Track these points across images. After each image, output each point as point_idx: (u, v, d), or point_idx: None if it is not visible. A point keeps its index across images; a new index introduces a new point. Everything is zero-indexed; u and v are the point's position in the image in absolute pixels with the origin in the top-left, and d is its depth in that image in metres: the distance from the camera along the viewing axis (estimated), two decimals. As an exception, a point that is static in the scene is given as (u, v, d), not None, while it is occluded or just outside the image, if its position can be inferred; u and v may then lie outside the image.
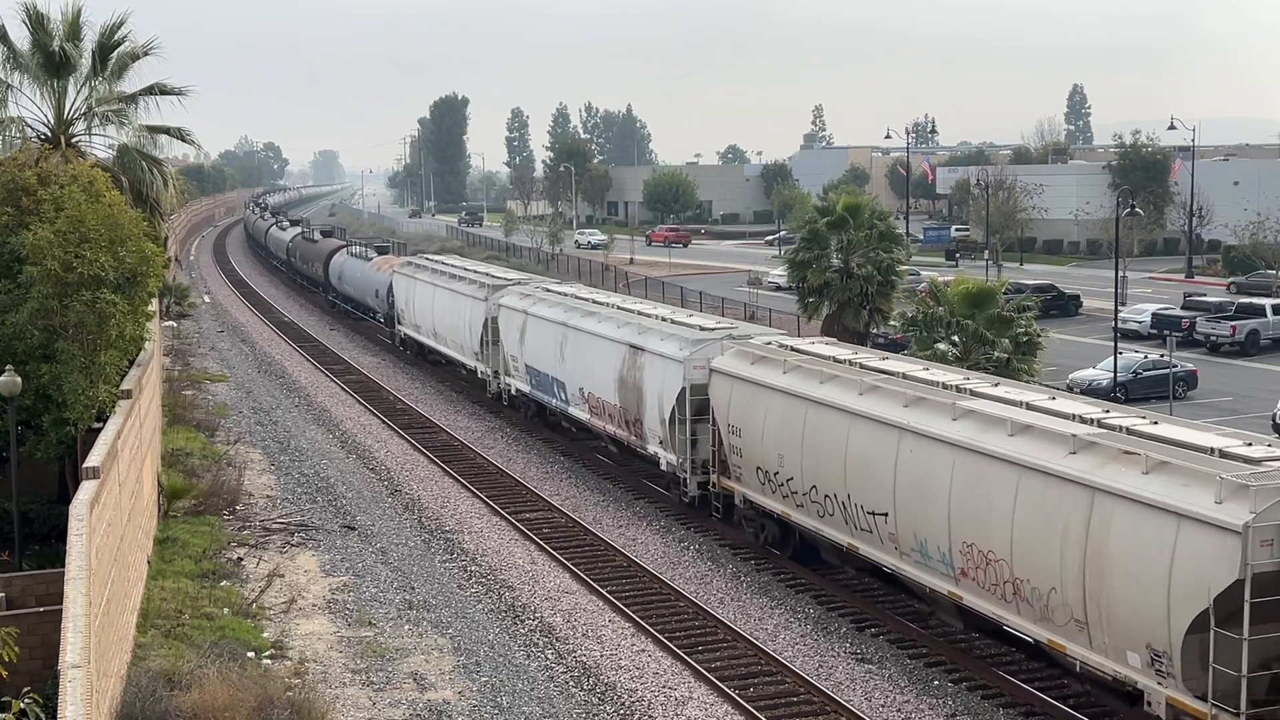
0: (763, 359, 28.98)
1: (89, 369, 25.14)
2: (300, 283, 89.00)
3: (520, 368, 42.17)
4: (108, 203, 26.56)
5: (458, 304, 47.99)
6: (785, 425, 27.15)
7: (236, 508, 32.96)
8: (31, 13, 34.34)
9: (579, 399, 37.50)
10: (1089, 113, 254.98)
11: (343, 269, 71.21)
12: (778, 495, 27.81)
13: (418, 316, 54.47)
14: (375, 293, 62.80)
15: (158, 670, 20.46)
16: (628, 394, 34.01)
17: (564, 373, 38.35)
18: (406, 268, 56.98)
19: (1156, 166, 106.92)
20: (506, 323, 43.08)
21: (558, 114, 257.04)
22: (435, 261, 56.49)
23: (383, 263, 63.85)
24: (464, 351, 47.97)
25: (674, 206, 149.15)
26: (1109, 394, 43.88)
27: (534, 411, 42.51)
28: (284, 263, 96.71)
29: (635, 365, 33.56)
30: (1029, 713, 21.59)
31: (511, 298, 43.61)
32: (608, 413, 35.59)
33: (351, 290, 69.46)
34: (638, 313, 36.73)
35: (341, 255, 73.23)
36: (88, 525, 17.76)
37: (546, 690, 22.49)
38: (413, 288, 54.77)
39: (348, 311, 72.21)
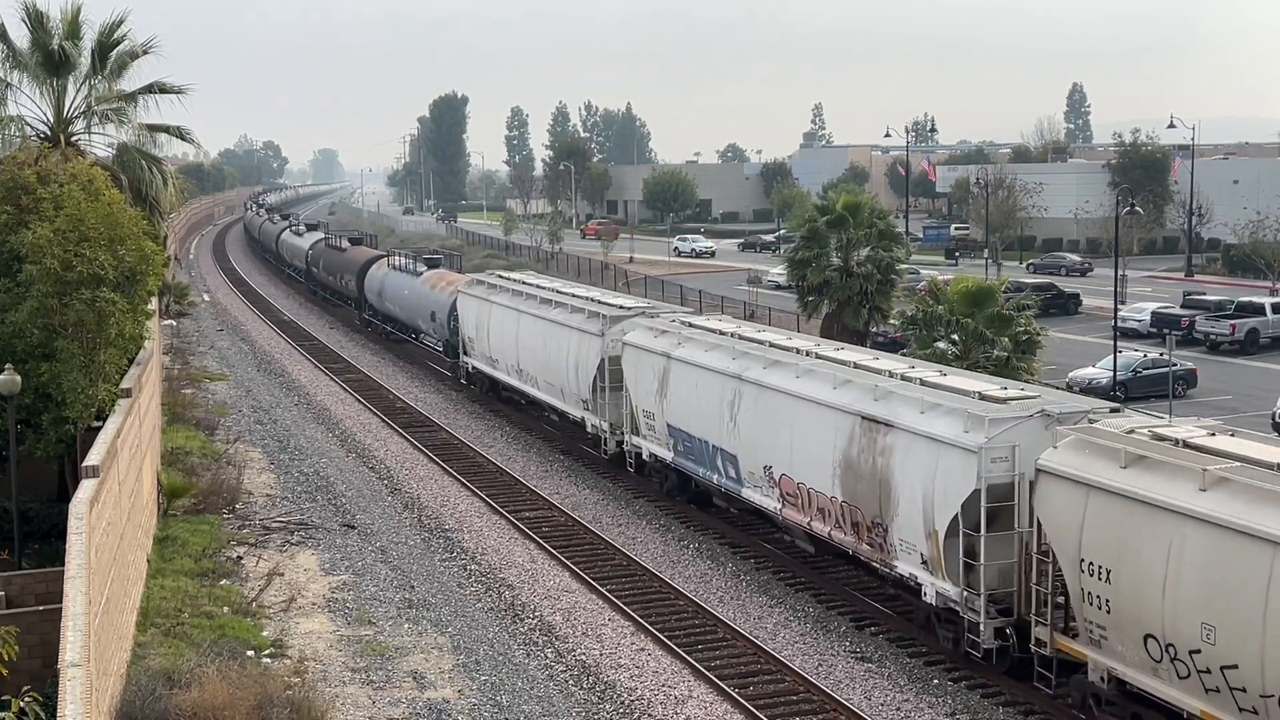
0: (1142, 457, 19.11)
1: (88, 368, 25.14)
2: (323, 295, 78.65)
3: (658, 427, 32.70)
4: (107, 201, 26.56)
5: (557, 337, 38.57)
6: None
7: (236, 506, 32.96)
8: (31, 11, 34.38)
9: (761, 481, 28.12)
10: (1089, 111, 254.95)
11: (384, 284, 60.82)
12: None
13: (493, 348, 44.62)
14: (430, 314, 52.98)
15: (157, 669, 20.46)
16: (859, 486, 24.53)
17: (736, 442, 28.95)
18: (476, 287, 47.09)
19: (1156, 165, 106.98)
20: (636, 367, 33.72)
21: (557, 113, 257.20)
22: (516, 281, 46.31)
23: (436, 278, 54.42)
24: (564, 397, 38.54)
25: (673, 205, 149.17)
26: (1108, 393, 43.90)
27: (673, 483, 33.22)
28: (303, 273, 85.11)
29: (875, 445, 24.14)
30: (1028, 712, 21.59)
31: (641, 334, 34.08)
32: (818, 506, 26.03)
33: (396, 309, 59.37)
34: (866, 367, 26.66)
35: (380, 268, 62.99)
36: (87, 524, 17.76)
37: (546, 689, 22.49)
38: (487, 312, 45.10)
39: (388, 333, 63.00)
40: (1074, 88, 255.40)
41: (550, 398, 39.83)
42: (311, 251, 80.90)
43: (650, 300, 44.80)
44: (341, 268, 70.84)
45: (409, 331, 60.04)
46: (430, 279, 54.84)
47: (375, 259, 65.69)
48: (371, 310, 64.46)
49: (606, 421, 35.61)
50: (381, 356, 59.45)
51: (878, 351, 31.97)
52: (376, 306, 63.20)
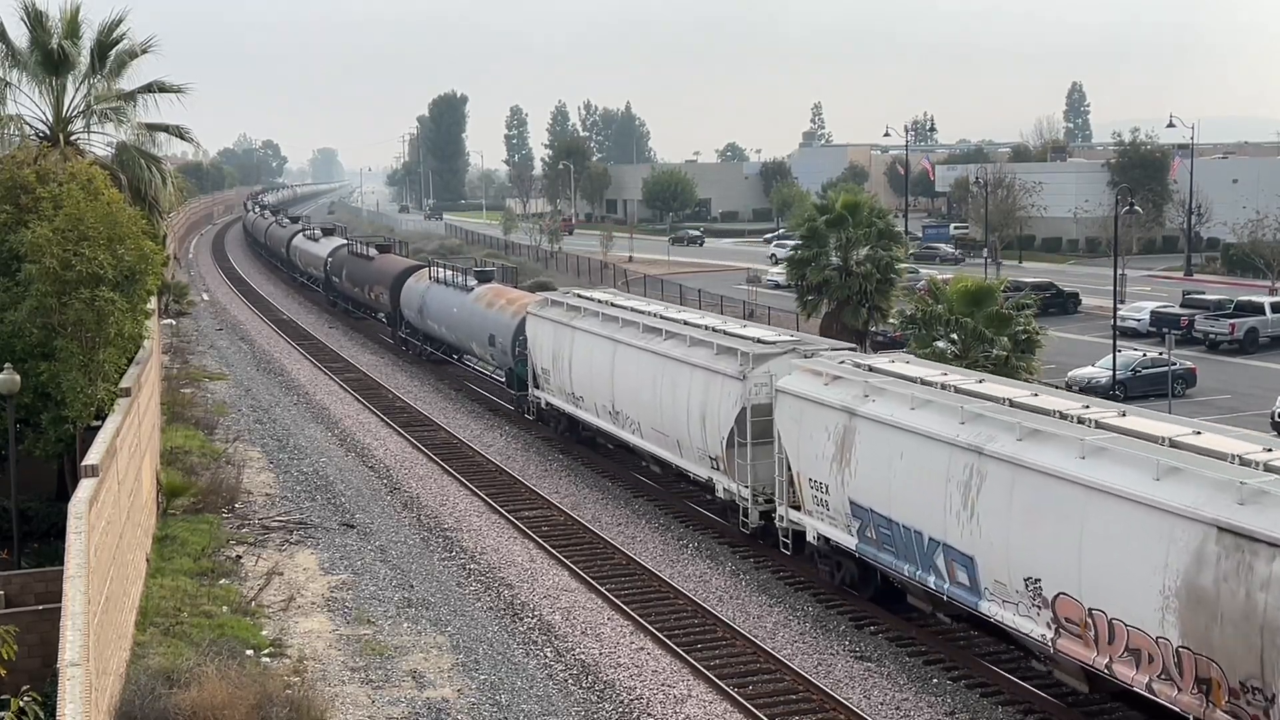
0: None
1: (88, 367, 25.14)
2: (344, 307, 72.37)
3: (834, 503, 25.51)
4: (106, 201, 26.56)
5: (673, 376, 31.39)
6: None
7: (235, 506, 32.96)
8: (30, 11, 34.38)
9: (1017, 596, 20.79)
10: (1088, 111, 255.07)
11: (426, 300, 53.49)
12: None
13: (576, 382, 37.32)
14: (488, 338, 45.43)
15: (157, 668, 20.46)
16: (1217, 630, 17.16)
17: (972, 540, 21.56)
18: (552, 309, 39.71)
19: (1155, 164, 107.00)
20: (798, 422, 26.38)
21: (556, 112, 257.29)
22: (603, 303, 38.17)
23: (493, 295, 47.21)
24: (682, 450, 31.55)
25: (673, 205, 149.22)
26: (1108, 392, 43.91)
27: (851, 574, 26.17)
28: (319, 282, 77.75)
29: (1247, 573, 16.79)
30: (1028, 710, 21.60)
31: (802, 378, 26.71)
32: (1128, 646, 18.64)
33: (441, 329, 52.13)
34: (1200, 449, 19.13)
35: (419, 280, 55.72)
36: (86, 523, 17.76)
37: (545, 688, 22.49)
38: (567, 340, 37.65)
39: (426, 354, 55.99)
40: (1073, 87, 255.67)
41: (660, 449, 32.66)
42: (332, 260, 73.51)
43: (797, 333, 35.44)
44: (370, 279, 63.31)
45: (453, 353, 54.18)
46: (485, 296, 47.53)
47: (411, 270, 58.33)
48: (409, 328, 57.20)
49: (747, 487, 28.72)
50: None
51: (1198, 422, 21.96)
52: (415, 324, 55.77)
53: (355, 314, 70.17)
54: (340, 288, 71.22)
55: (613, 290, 49.67)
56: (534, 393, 41.01)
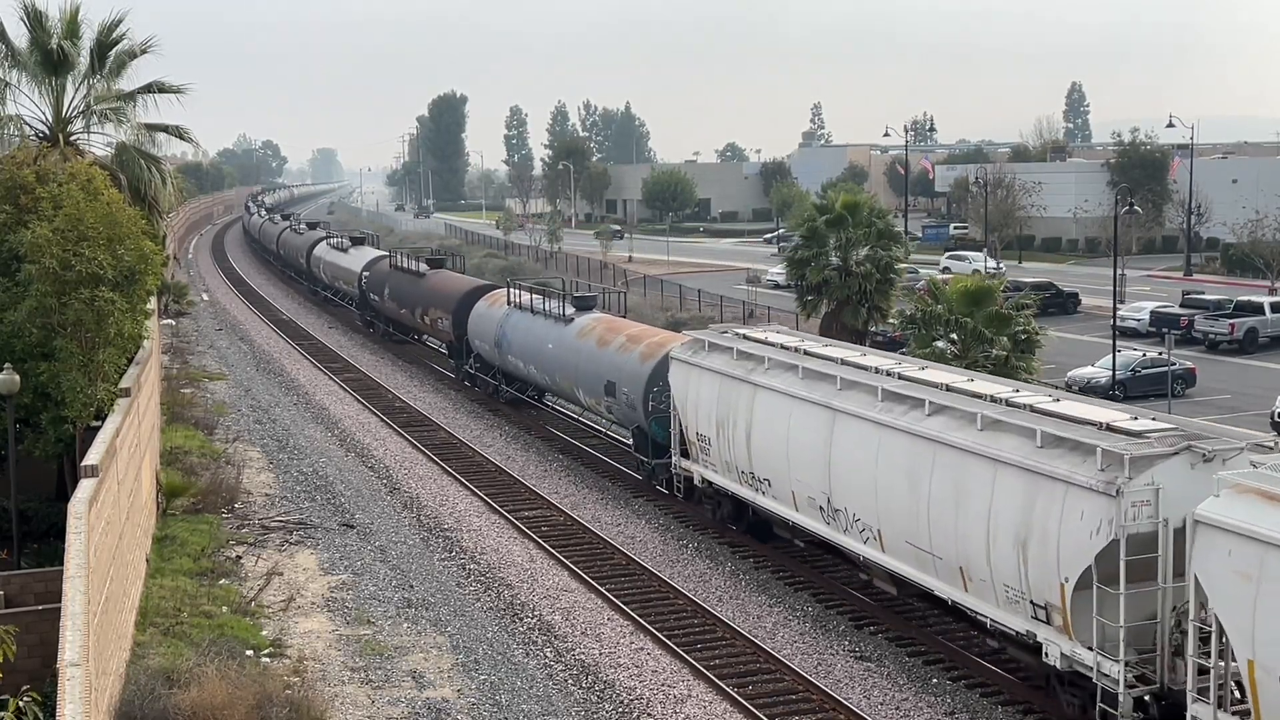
0: None
1: (87, 367, 25.13)
2: (384, 329, 62.78)
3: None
4: (106, 201, 26.54)
5: (953, 472, 21.93)
6: None
7: (235, 506, 32.95)
8: (30, 11, 34.35)
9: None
10: (1088, 111, 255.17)
11: (504, 331, 43.88)
12: None
13: (759, 460, 27.89)
14: (606, 386, 35.59)
15: (156, 668, 20.46)
16: None
17: None
18: (712, 356, 29.87)
19: (1155, 164, 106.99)
20: (1246, 582, 16.76)
21: (556, 112, 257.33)
22: (793, 351, 28.38)
23: (605, 329, 37.59)
24: (976, 586, 21.75)
25: (673, 205, 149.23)
26: (1107, 392, 43.92)
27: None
28: (352, 300, 68.32)
29: None
30: (1027, 710, 21.60)
31: (1243, 503, 17.14)
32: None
33: (529, 367, 42.23)
34: None
35: (494, 305, 46.06)
36: (86, 523, 17.75)
37: (545, 688, 22.49)
38: (742, 400, 28.31)
39: (512, 396, 46.26)
40: (1073, 87, 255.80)
41: (919, 573, 23.12)
42: (369, 275, 63.46)
43: (1201, 421, 25.63)
44: (423, 300, 53.74)
45: (544, 395, 45.37)
46: (593, 330, 38.17)
47: (480, 292, 49.00)
48: (479, 363, 47.73)
49: (1117, 660, 19.08)
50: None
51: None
52: (489, 359, 46.37)
53: (396, 336, 61.29)
54: (381, 308, 61.29)
55: (786, 329, 34.80)
56: (680, 464, 31.73)
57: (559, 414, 44.56)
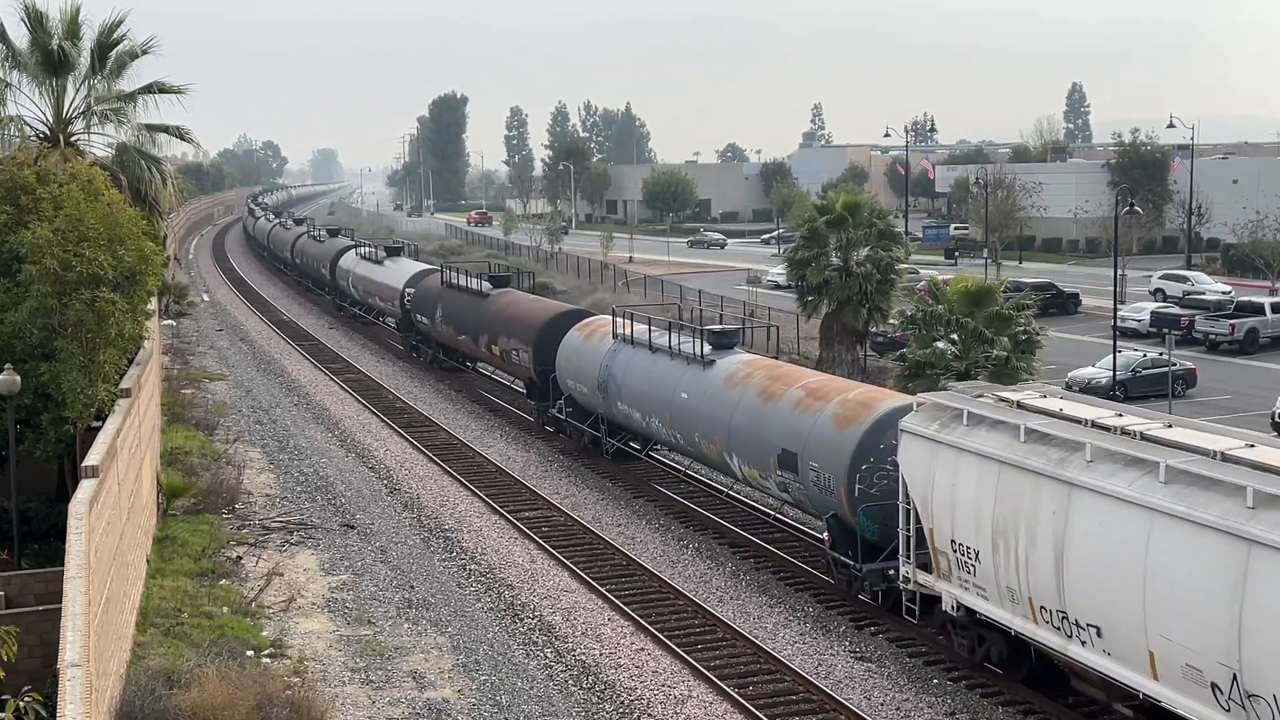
0: None
1: (88, 368, 25.13)
2: (435, 355, 54.11)
3: None
4: (106, 201, 26.54)
5: None
6: None
7: (235, 506, 32.96)
8: (30, 11, 34.37)
9: None
10: (1088, 111, 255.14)
11: (612, 372, 35.14)
12: None
13: (1077, 596, 19.26)
14: (781, 457, 27.46)
15: (157, 669, 20.46)
16: None
17: None
18: (976, 433, 21.69)
19: (1156, 165, 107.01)
20: None
21: (557, 113, 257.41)
22: (1129, 437, 19.68)
23: (767, 377, 29.58)
24: None
25: (673, 205, 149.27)
26: (1108, 392, 43.92)
27: None
28: (394, 319, 60.39)
29: None
30: (1028, 711, 21.58)
31: None
32: None
33: (652, 421, 33.48)
34: None
35: (592, 338, 37.46)
36: (87, 524, 17.76)
37: (546, 689, 22.49)
38: (1051, 504, 19.63)
39: (627, 451, 37.58)
40: (1073, 87, 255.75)
41: None
42: (414, 293, 55.00)
43: None
44: (491, 326, 44.70)
45: (649, 444, 36.82)
46: (752, 379, 29.64)
47: (569, 319, 40.45)
48: (569, 406, 38.50)
49: None
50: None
51: None
52: (587, 404, 37.39)
53: (446, 363, 53.28)
54: (431, 332, 52.62)
55: (1074, 396, 24.66)
56: (919, 578, 23.29)
57: (694, 479, 35.28)
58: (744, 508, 32.76)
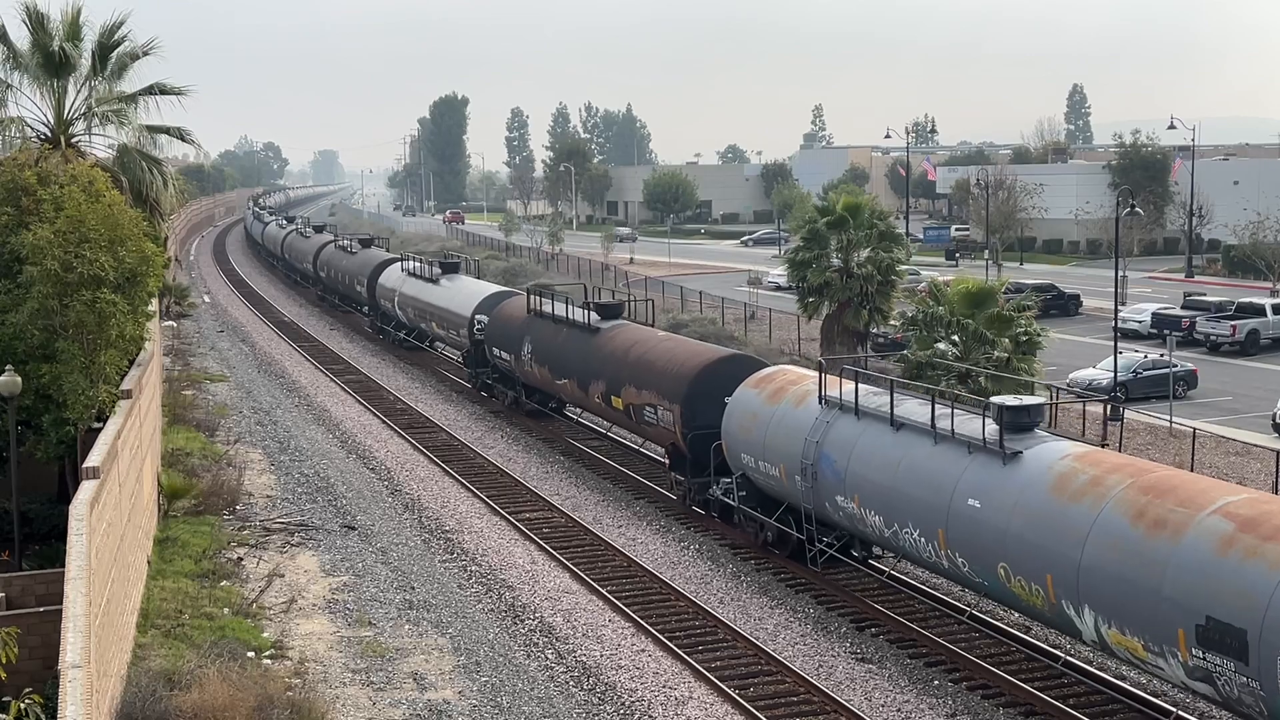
0: None
1: (89, 369, 25.13)
2: (504, 390, 45.59)
3: None
4: (107, 203, 26.54)
5: None
6: None
7: (236, 507, 32.95)
8: (31, 12, 34.35)
9: None
10: (1089, 112, 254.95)
11: (831, 451, 25.96)
12: None
13: None
14: (1206, 630, 17.30)
15: (158, 670, 20.45)
16: None
17: None
18: None
19: (1156, 166, 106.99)
20: None
21: (557, 114, 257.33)
22: None
23: (1143, 493, 19.33)
24: None
25: (674, 206, 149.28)
26: (1109, 393, 43.91)
27: None
28: (462, 350, 50.57)
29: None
30: (1029, 712, 21.58)
31: None
32: None
33: (943, 548, 22.90)
34: None
35: (793, 403, 27.84)
36: (87, 525, 17.76)
37: (547, 690, 22.49)
38: None
39: (836, 556, 27.90)
40: (1074, 88, 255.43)
41: None
42: (489, 322, 45.46)
43: None
44: (610, 372, 35.41)
45: (870, 547, 27.89)
46: (1127, 500, 19.50)
47: (733, 368, 31.12)
48: (743, 488, 29.35)
49: None
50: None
51: None
52: (787, 496, 27.90)
53: (528, 406, 44.13)
54: (515, 371, 43.31)
55: None
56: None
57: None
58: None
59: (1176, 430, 40.64)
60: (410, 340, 58.73)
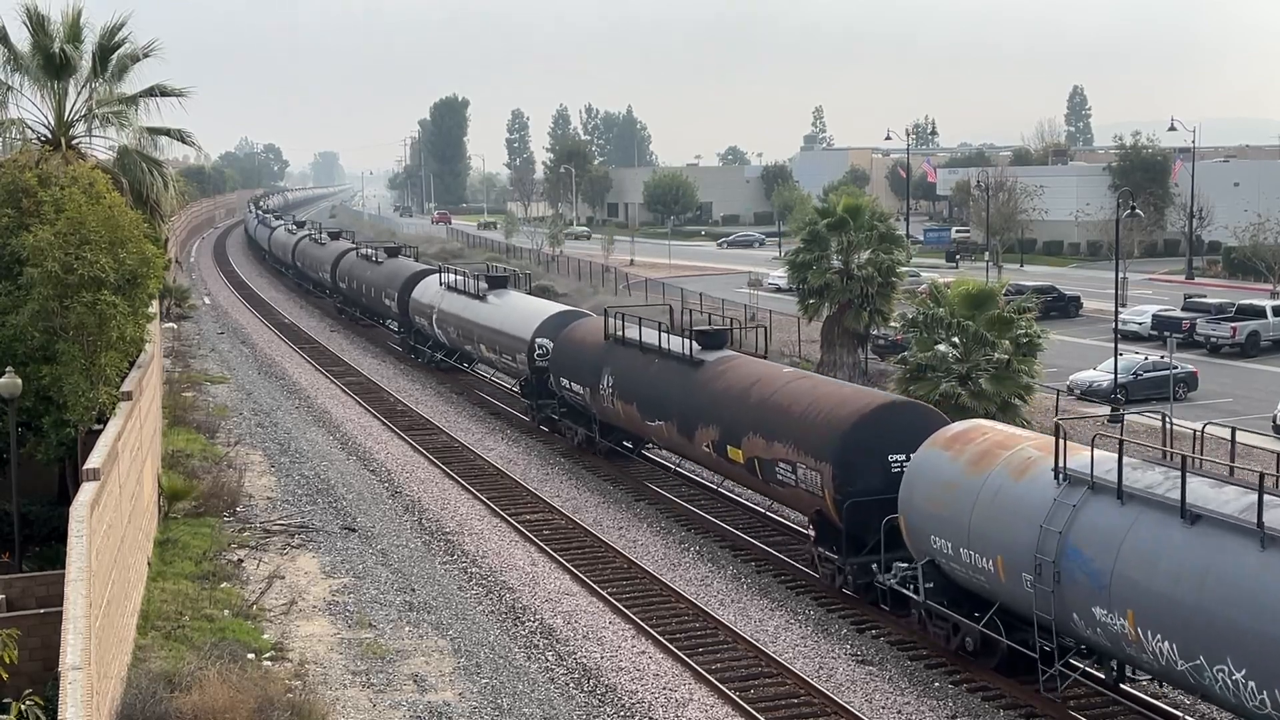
0: None
1: (89, 370, 25.12)
2: (570, 427, 40.09)
3: None
4: (108, 204, 26.53)
5: None
6: None
7: (237, 509, 32.93)
8: (32, 14, 34.32)
9: None
10: (1089, 114, 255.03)
11: (1080, 549, 19.60)
12: None
13: None
14: None
15: (158, 672, 20.45)
16: None
17: None
18: None
19: (1157, 168, 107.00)
20: None
21: (558, 115, 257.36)
22: None
23: None
24: None
25: (674, 208, 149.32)
26: (1109, 395, 43.90)
27: None
28: (512, 375, 45.51)
29: None
30: (1030, 714, 21.57)
31: None
32: None
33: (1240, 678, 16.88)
34: None
35: (1010, 472, 21.57)
36: (88, 527, 17.75)
37: (547, 692, 22.48)
38: None
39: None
40: (1074, 90, 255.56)
41: None
42: (556, 348, 40.15)
43: None
44: (722, 414, 30.20)
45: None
46: None
47: (906, 418, 25.95)
48: (931, 581, 23.54)
49: None
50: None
51: None
52: (1005, 597, 21.88)
53: (603, 445, 38.29)
54: (590, 406, 37.72)
55: None
56: None
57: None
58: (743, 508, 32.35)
59: (1178, 433, 40.61)
60: (449, 362, 53.87)
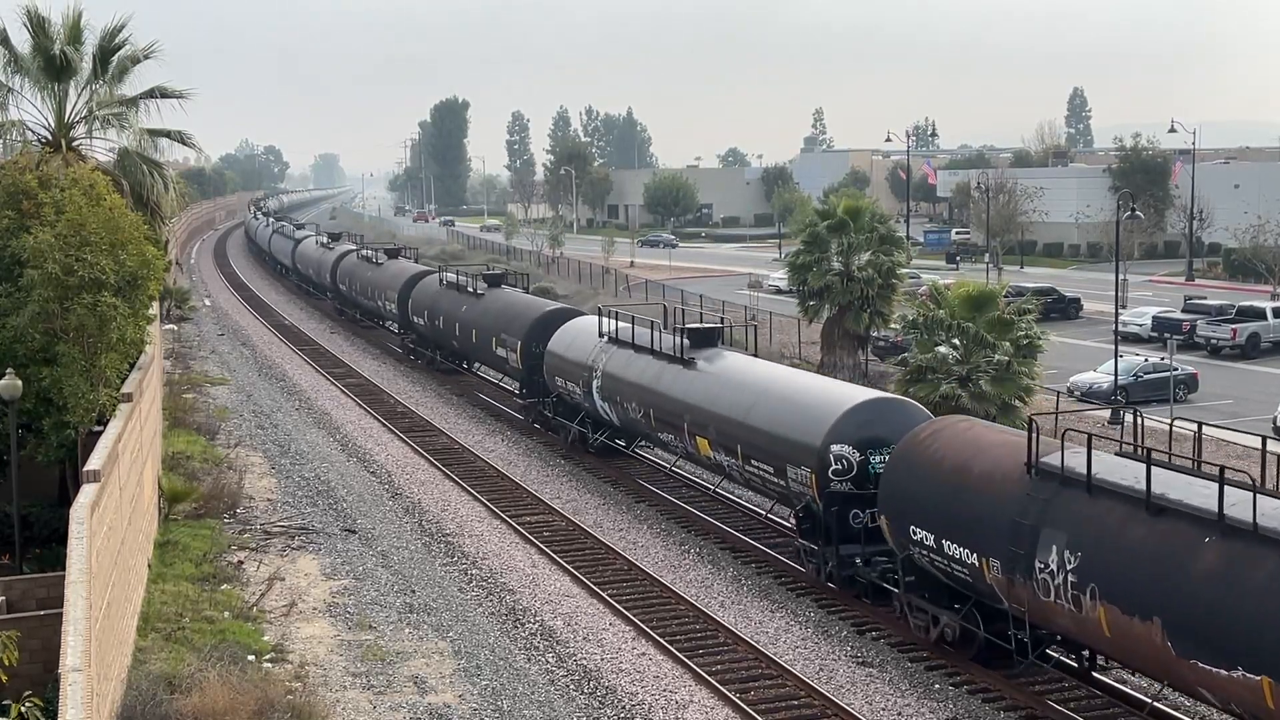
0: None
1: (89, 372, 25.12)
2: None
3: None
4: (108, 206, 26.52)
5: None
6: None
7: (237, 511, 32.93)
8: (33, 16, 34.35)
9: None
10: (1089, 116, 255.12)
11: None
12: None
13: None
14: None
15: (158, 673, 20.45)
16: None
17: None
18: None
19: (1157, 169, 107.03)
20: None
21: (558, 117, 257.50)
22: None
23: None
24: None
25: (674, 210, 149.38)
26: (1110, 397, 43.90)
27: None
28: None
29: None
30: (1030, 716, 21.56)
31: None
32: None
33: None
34: None
35: None
36: (88, 528, 17.75)
37: (547, 694, 22.47)
38: None
39: None
40: (1075, 92, 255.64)
41: None
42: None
43: None
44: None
45: None
46: None
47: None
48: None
49: None
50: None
51: None
52: None
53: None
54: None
55: None
56: None
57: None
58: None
59: (1178, 434, 40.58)
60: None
